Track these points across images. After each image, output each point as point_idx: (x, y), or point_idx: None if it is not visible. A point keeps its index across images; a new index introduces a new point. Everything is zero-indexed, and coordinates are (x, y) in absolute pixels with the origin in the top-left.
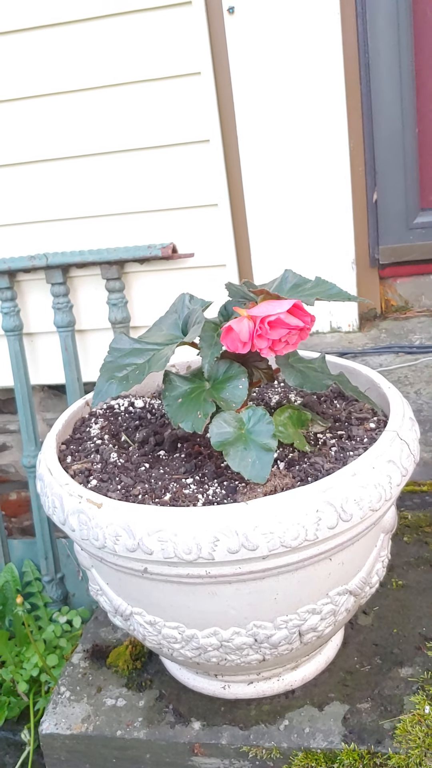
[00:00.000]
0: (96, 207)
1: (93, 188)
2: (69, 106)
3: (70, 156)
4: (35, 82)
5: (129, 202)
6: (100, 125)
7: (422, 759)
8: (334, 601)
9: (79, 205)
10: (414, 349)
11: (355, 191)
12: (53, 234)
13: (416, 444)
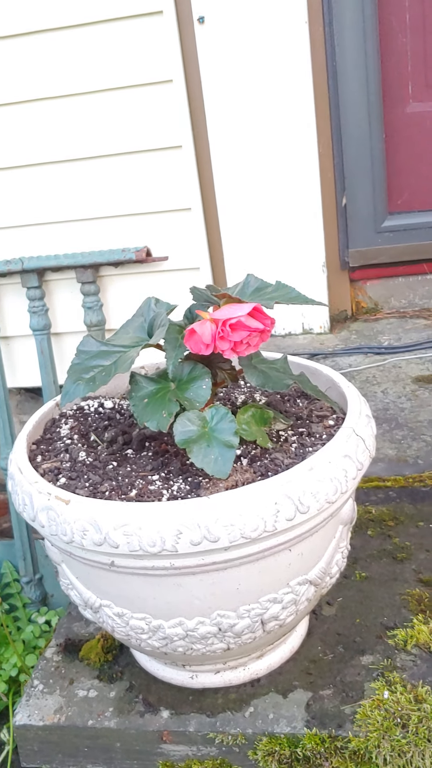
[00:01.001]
0: (72, 212)
1: (69, 193)
2: (45, 113)
3: (46, 162)
4: (10, 89)
5: (104, 207)
6: (76, 131)
7: (380, 741)
8: (295, 590)
9: (55, 210)
10: (382, 349)
11: (324, 195)
12: (29, 238)
13: (372, 440)
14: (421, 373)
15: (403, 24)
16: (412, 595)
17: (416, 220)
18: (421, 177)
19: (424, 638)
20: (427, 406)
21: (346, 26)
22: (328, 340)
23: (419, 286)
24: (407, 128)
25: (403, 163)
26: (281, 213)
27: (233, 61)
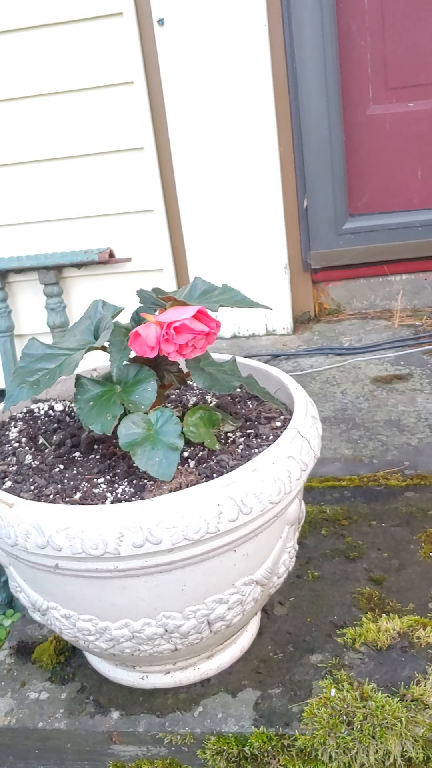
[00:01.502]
0: (34, 213)
1: (31, 195)
2: (4, 115)
3: (7, 164)
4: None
5: (67, 208)
6: (38, 133)
7: (326, 738)
8: (241, 591)
9: (17, 212)
10: (343, 350)
11: (286, 198)
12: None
13: (317, 441)
14: (380, 374)
15: (363, 28)
16: (363, 593)
17: (376, 222)
18: (381, 179)
19: (372, 636)
20: (384, 406)
21: (305, 30)
22: (291, 341)
23: (380, 288)
24: (367, 130)
25: (364, 165)
26: (244, 215)
27: (194, 64)
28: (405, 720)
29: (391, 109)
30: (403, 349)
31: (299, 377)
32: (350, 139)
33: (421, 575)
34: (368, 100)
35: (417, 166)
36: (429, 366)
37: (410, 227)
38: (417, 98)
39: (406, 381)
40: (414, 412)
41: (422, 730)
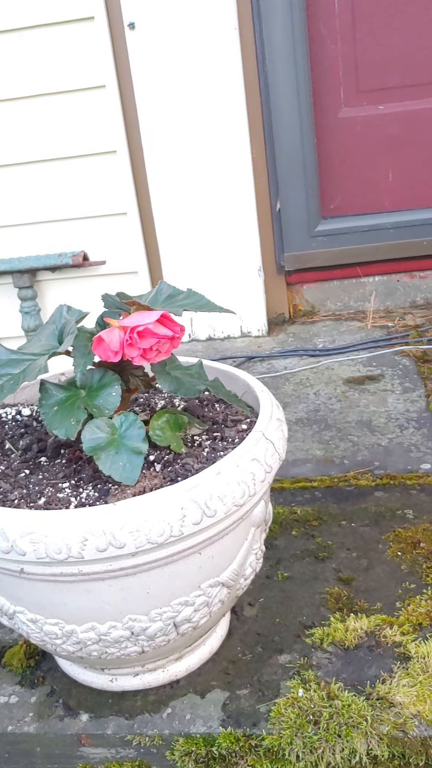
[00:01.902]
0: (8, 217)
1: (5, 199)
2: None
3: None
4: None
5: (41, 212)
6: (11, 137)
7: (293, 738)
8: (207, 593)
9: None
10: (317, 352)
11: (259, 200)
12: None
13: (282, 443)
14: (352, 375)
15: (333, 31)
16: (332, 593)
17: (349, 224)
18: (353, 182)
19: (340, 636)
20: (355, 406)
21: (275, 33)
22: (265, 342)
23: (354, 289)
24: (339, 133)
25: (336, 168)
26: (217, 217)
27: (165, 67)
28: (370, 718)
29: (363, 111)
30: (375, 350)
31: (273, 379)
32: (322, 141)
33: (389, 574)
34: (340, 103)
35: (388, 168)
36: (400, 366)
37: (382, 229)
38: (387, 101)
39: (378, 382)
40: (384, 412)
41: (387, 728)
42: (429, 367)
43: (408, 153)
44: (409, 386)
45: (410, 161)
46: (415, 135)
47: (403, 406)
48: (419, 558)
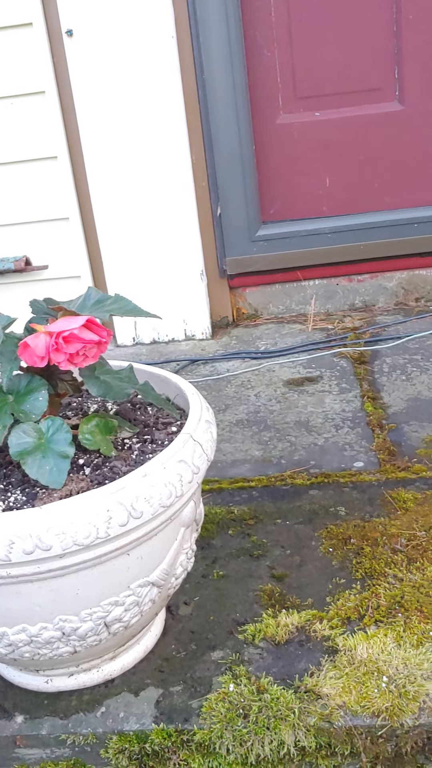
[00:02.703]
0: None
1: None
2: None
3: None
4: None
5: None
6: None
7: (223, 732)
8: (137, 592)
9: None
10: (259, 354)
11: (200, 206)
12: None
13: (211, 444)
14: (292, 376)
15: (270, 39)
16: (265, 590)
17: (288, 229)
18: (292, 187)
19: (272, 631)
20: (294, 407)
21: (212, 42)
22: (209, 345)
23: (295, 293)
24: (278, 139)
25: (275, 173)
26: (159, 222)
27: (104, 74)
28: (298, 711)
29: (300, 118)
30: (315, 352)
31: (216, 381)
32: (261, 148)
33: (321, 570)
34: (279, 110)
35: (325, 174)
36: (338, 368)
37: (320, 234)
38: (324, 108)
39: (317, 383)
40: (322, 412)
41: (314, 720)
42: (365, 369)
43: (345, 159)
44: (345, 387)
45: (347, 167)
46: (351, 141)
47: (339, 406)
48: (349, 554)
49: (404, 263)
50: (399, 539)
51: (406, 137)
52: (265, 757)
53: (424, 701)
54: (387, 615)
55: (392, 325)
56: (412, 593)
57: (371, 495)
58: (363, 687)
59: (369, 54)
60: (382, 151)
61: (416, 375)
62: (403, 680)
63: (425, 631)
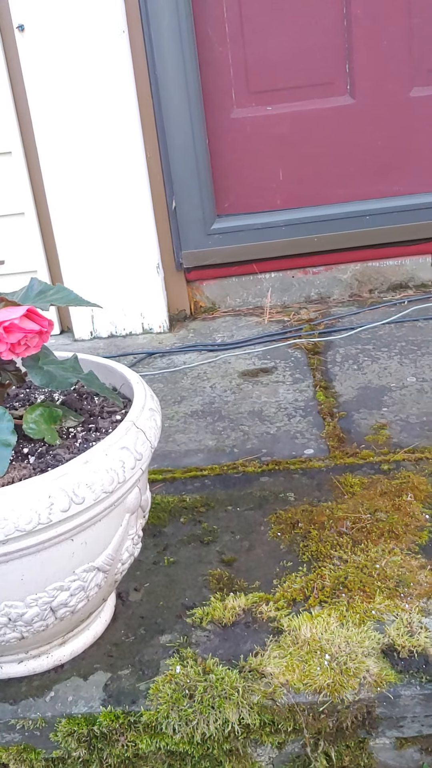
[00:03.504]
0: None
1: None
2: None
3: None
4: None
5: None
6: None
7: (169, 712)
8: (82, 578)
9: None
10: (216, 347)
11: (155, 200)
12: None
13: (154, 432)
14: (247, 368)
15: (223, 34)
16: (213, 575)
17: (243, 222)
18: (246, 180)
19: (219, 614)
20: (249, 398)
21: (163, 37)
22: (166, 339)
23: (252, 286)
24: (231, 134)
25: (229, 167)
26: (115, 216)
27: (56, 69)
28: (242, 689)
29: (253, 112)
30: (271, 344)
31: (172, 374)
32: (215, 142)
33: (268, 554)
34: (232, 104)
35: (278, 167)
36: (292, 359)
37: (275, 227)
38: (277, 102)
39: (271, 374)
40: (275, 402)
41: (257, 698)
42: (319, 359)
43: (297, 153)
44: (299, 377)
45: (300, 161)
46: (303, 135)
47: (292, 396)
48: (297, 537)
49: (357, 255)
50: (345, 522)
51: (358, 131)
52: (211, 735)
53: (364, 677)
54: (331, 596)
55: (346, 317)
56: (355, 574)
57: (320, 480)
58: (306, 665)
59: (320, 49)
60: (334, 144)
61: (367, 364)
62: (345, 658)
63: (367, 610)
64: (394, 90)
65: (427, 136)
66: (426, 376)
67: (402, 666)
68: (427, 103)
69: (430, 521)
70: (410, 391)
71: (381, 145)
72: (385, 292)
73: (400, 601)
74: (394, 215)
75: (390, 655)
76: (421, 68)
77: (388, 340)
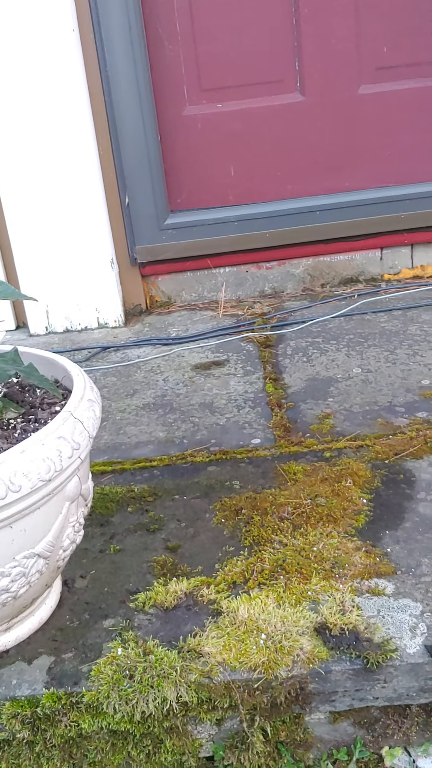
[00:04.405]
0: None
1: None
2: None
3: None
4: None
5: None
6: None
7: (110, 692)
8: (23, 564)
9: None
10: (170, 340)
11: (108, 195)
12: None
13: (92, 422)
14: (200, 361)
15: (174, 32)
16: (158, 561)
17: (196, 217)
18: (198, 176)
19: (161, 598)
20: (200, 390)
21: (113, 35)
22: (122, 333)
23: (206, 280)
24: (184, 131)
25: (181, 163)
26: (69, 213)
27: (4, 67)
28: (180, 669)
29: (205, 109)
30: (224, 337)
31: (126, 367)
32: (168, 138)
33: (212, 540)
34: (185, 102)
35: (230, 164)
36: (244, 352)
37: (227, 222)
38: (227, 99)
39: (223, 366)
40: (226, 394)
41: (195, 676)
42: (270, 352)
43: (248, 149)
44: (250, 369)
45: (250, 157)
46: (254, 132)
47: (242, 387)
48: (240, 523)
49: (309, 250)
50: (286, 508)
51: (307, 127)
52: (151, 713)
53: (298, 654)
54: (270, 578)
55: (298, 310)
56: (293, 557)
57: (265, 469)
58: (242, 645)
59: (271, 47)
60: (285, 141)
61: (316, 356)
62: (280, 637)
63: (303, 591)
64: (343, 88)
65: (375, 133)
66: (371, 367)
67: (334, 643)
68: (375, 101)
69: (367, 505)
70: (355, 381)
71: (331, 142)
72: (337, 286)
73: (335, 581)
74: (343, 210)
75: (323, 633)
76: (369, 67)
77: (337, 333)
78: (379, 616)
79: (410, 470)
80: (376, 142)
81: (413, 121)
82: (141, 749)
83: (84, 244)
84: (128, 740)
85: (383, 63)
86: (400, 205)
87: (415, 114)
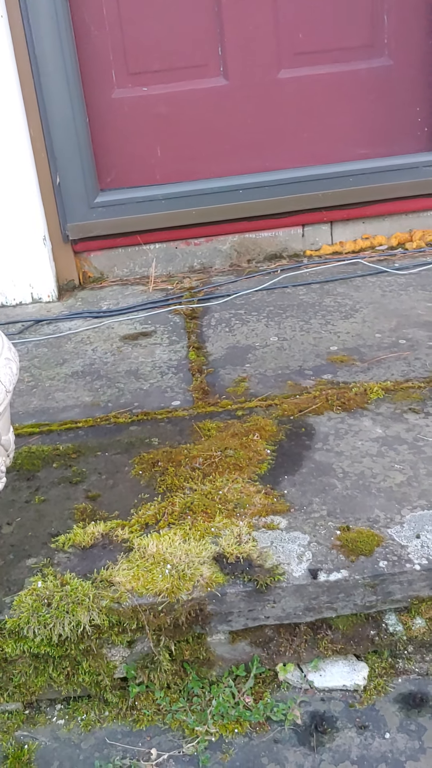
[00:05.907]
0: None
1: None
2: None
3: None
4: None
5: None
6: None
7: (29, 619)
8: None
9: None
10: (101, 313)
11: (40, 175)
12: None
13: (9, 378)
14: (129, 332)
15: (100, 19)
16: (79, 508)
17: (125, 195)
18: (126, 157)
19: (80, 538)
20: (127, 359)
21: (41, 22)
22: (55, 307)
23: (137, 256)
24: (113, 112)
25: (110, 144)
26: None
27: None
28: (93, 596)
29: (132, 93)
30: (153, 310)
31: (57, 339)
32: (97, 120)
33: (129, 489)
34: (113, 85)
35: (156, 145)
36: (171, 323)
37: (155, 200)
38: (153, 83)
39: (150, 337)
40: (151, 362)
41: (106, 602)
42: (195, 323)
43: (174, 131)
44: (175, 339)
45: (176, 139)
46: (180, 114)
47: (167, 356)
48: (156, 474)
49: (234, 227)
50: (198, 459)
51: (231, 110)
52: (67, 636)
53: (198, 581)
54: (179, 518)
55: (224, 285)
56: (200, 500)
57: (182, 427)
58: (149, 574)
59: (194, 32)
60: (210, 123)
61: (238, 327)
62: (184, 566)
63: (207, 528)
64: (264, 72)
65: (295, 115)
66: (287, 335)
67: (230, 569)
68: (294, 85)
69: (270, 455)
70: (271, 349)
71: (253, 124)
72: (262, 261)
73: (236, 519)
74: (266, 189)
75: (221, 562)
76: (288, 52)
77: (259, 305)
78: (272, 547)
79: (311, 424)
80: (296, 123)
81: (330, 103)
82: (60, 671)
83: (17, 223)
84: (48, 663)
85: (301, 49)
86: (318, 184)
87: (332, 97)
